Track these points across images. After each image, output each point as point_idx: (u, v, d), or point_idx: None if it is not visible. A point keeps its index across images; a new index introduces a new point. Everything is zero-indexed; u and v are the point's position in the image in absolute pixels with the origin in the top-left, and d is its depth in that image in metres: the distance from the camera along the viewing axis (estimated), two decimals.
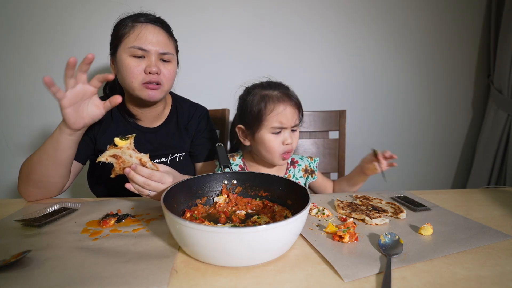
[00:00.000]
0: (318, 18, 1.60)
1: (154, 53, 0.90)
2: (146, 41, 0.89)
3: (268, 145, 0.90)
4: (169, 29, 0.97)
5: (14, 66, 1.42)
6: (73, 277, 0.48)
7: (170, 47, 0.95)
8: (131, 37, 0.89)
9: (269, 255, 0.53)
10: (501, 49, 1.67)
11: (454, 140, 1.93)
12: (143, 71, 0.89)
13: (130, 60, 0.89)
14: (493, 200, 0.89)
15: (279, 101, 0.89)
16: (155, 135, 1.04)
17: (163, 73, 0.92)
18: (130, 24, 0.90)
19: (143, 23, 0.90)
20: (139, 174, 0.69)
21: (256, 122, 0.90)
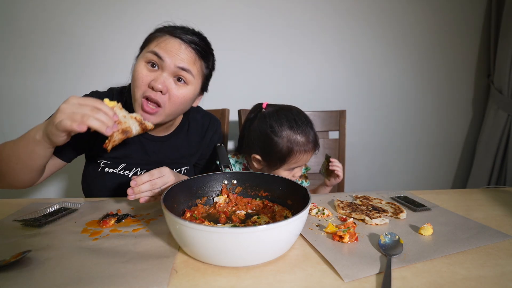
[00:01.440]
0: (318, 18, 1.60)
1: (169, 67, 0.79)
2: (166, 50, 0.78)
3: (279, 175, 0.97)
4: (202, 53, 0.84)
5: (14, 66, 1.42)
6: (73, 277, 0.48)
7: (194, 68, 0.82)
8: (154, 43, 0.81)
9: (269, 255, 0.53)
10: (501, 49, 1.67)
11: (454, 140, 1.93)
12: (148, 83, 0.79)
13: (142, 67, 0.80)
14: (493, 200, 0.89)
15: (305, 151, 0.94)
16: (161, 145, 0.97)
17: (170, 94, 0.80)
18: (163, 33, 0.82)
19: (174, 37, 0.81)
20: (142, 184, 0.70)
21: (278, 163, 0.96)
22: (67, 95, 1.41)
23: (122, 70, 1.49)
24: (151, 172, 0.73)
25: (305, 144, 0.94)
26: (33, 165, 0.74)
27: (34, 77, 1.44)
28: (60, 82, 1.46)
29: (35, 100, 1.46)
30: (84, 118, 0.61)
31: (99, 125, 0.62)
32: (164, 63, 0.78)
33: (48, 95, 1.46)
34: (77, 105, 0.63)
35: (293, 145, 0.92)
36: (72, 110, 0.62)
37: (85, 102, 0.63)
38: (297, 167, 0.98)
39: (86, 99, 0.64)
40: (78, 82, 1.47)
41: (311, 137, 0.96)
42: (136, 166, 0.95)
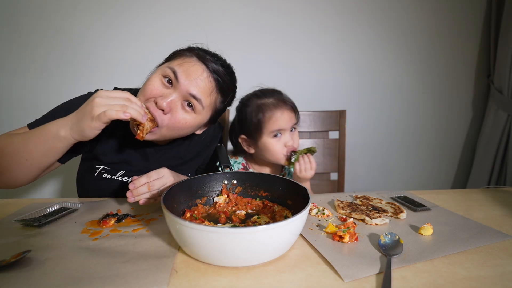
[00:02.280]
0: (318, 19, 1.60)
1: (182, 89, 0.76)
2: (187, 71, 0.76)
3: (271, 149, 0.96)
4: (222, 87, 0.81)
5: (14, 66, 1.42)
6: (73, 277, 0.48)
7: (207, 99, 0.78)
8: (177, 61, 0.78)
9: (269, 255, 0.53)
10: (501, 49, 1.67)
11: (454, 140, 1.93)
12: (154, 98, 0.76)
13: (156, 79, 0.77)
14: (493, 200, 0.89)
15: (275, 107, 0.95)
16: (164, 153, 0.94)
17: (173, 116, 0.76)
18: (187, 53, 0.79)
19: (199, 61, 0.78)
20: (140, 186, 0.71)
21: (257, 131, 0.96)
22: (67, 95, 1.43)
23: (122, 70, 1.49)
24: (148, 174, 0.73)
25: (274, 103, 0.96)
26: (45, 162, 0.74)
27: (34, 77, 1.44)
28: (60, 82, 1.46)
29: (35, 100, 1.46)
30: (124, 108, 0.64)
31: (137, 114, 0.66)
32: (178, 84, 0.76)
33: (48, 95, 1.46)
34: (111, 98, 0.65)
35: (262, 106, 0.96)
36: (109, 103, 0.65)
37: (117, 95, 0.66)
38: (283, 132, 0.97)
39: (116, 92, 0.67)
40: (78, 82, 1.47)
41: (280, 97, 0.98)
42: (136, 174, 0.90)
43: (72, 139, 0.69)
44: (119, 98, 0.66)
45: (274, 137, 0.96)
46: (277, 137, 0.96)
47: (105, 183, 0.91)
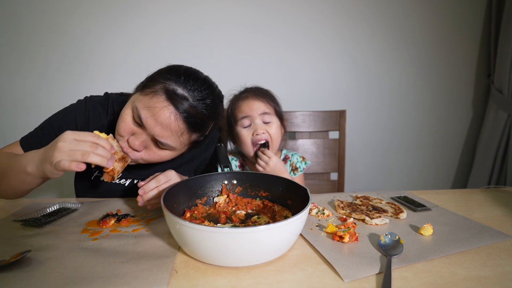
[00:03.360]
0: (318, 19, 1.60)
1: (149, 134, 0.73)
2: (149, 118, 0.71)
3: (241, 139, 0.99)
4: (195, 125, 0.74)
5: (14, 66, 1.42)
6: (73, 277, 0.48)
7: (176, 142, 0.74)
8: (145, 100, 0.73)
9: (269, 255, 0.53)
10: (501, 49, 1.67)
11: (454, 140, 1.93)
12: (129, 134, 0.74)
13: (127, 117, 0.74)
14: (493, 200, 0.89)
15: (243, 98, 1.00)
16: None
17: (148, 153, 0.76)
18: (158, 88, 0.72)
19: (166, 101, 0.71)
20: (150, 191, 0.71)
21: (231, 121, 1.02)
22: (67, 95, 1.43)
23: (122, 70, 1.49)
24: (157, 178, 0.73)
25: (245, 95, 1.00)
26: (24, 190, 0.73)
27: (34, 77, 1.44)
28: (60, 82, 1.46)
29: (35, 100, 1.46)
30: (85, 156, 0.60)
31: (100, 160, 0.61)
32: (145, 127, 0.73)
33: (48, 95, 1.46)
34: (74, 142, 0.61)
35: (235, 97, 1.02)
36: (70, 148, 0.60)
37: (82, 138, 0.62)
38: (253, 123, 0.98)
39: (82, 134, 0.62)
40: (78, 82, 1.47)
41: (254, 91, 1.01)
42: (132, 176, 0.93)
43: (39, 176, 0.65)
44: (85, 143, 0.61)
45: (244, 127, 0.98)
46: (247, 128, 0.98)
47: (103, 186, 0.92)
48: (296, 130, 1.39)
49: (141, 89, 0.76)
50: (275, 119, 1.00)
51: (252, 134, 0.97)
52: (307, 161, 1.12)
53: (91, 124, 0.86)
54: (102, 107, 0.89)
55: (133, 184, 0.93)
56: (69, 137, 0.61)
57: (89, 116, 0.86)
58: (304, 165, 1.11)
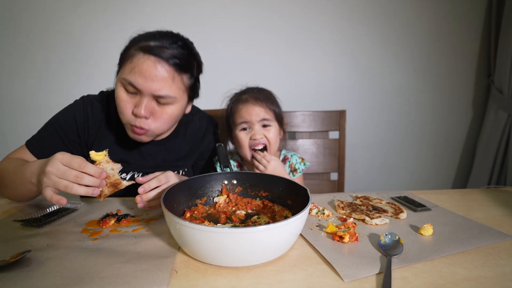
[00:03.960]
0: (319, 19, 1.60)
1: (147, 94, 0.76)
2: (140, 76, 0.74)
3: (239, 142, 0.99)
4: (182, 65, 0.78)
5: (14, 66, 1.42)
6: (73, 277, 0.48)
7: (173, 89, 0.77)
8: (128, 66, 0.76)
9: (269, 255, 0.53)
10: (501, 49, 1.67)
11: (455, 140, 1.93)
12: (131, 109, 0.78)
13: (121, 93, 0.78)
14: (493, 200, 0.89)
15: (243, 102, 0.99)
16: (158, 149, 0.95)
17: (155, 117, 0.79)
18: (134, 49, 0.76)
19: (146, 53, 0.74)
20: (150, 190, 0.70)
21: (230, 122, 1.01)
22: (67, 95, 1.43)
23: None
24: (158, 178, 0.72)
25: (244, 98, 0.99)
26: (32, 196, 0.77)
27: (34, 77, 1.44)
28: (60, 82, 1.46)
29: (35, 100, 1.46)
30: (67, 188, 0.60)
31: (85, 191, 0.62)
32: (140, 90, 0.76)
33: (48, 95, 1.46)
34: (61, 172, 0.61)
35: (235, 99, 1.01)
36: (56, 178, 0.61)
37: (68, 164, 0.61)
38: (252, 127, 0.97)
39: (71, 160, 0.62)
40: (78, 82, 1.47)
41: (254, 93, 1.00)
42: (133, 170, 0.94)
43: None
44: (70, 171, 0.61)
45: (243, 130, 0.98)
46: (245, 130, 0.98)
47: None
48: (296, 130, 1.39)
49: (119, 65, 0.80)
50: (274, 123, 1.00)
51: (250, 138, 0.97)
52: (306, 162, 1.12)
53: (90, 119, 0.89)
54: (98, 102, 0.92)
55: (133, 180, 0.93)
56: (58, 165, 0.61)
57: (87, 112, 0.89)
58: (303, 166, 1.11)
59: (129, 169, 0.94)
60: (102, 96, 0.95)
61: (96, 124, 0.90)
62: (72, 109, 0.89)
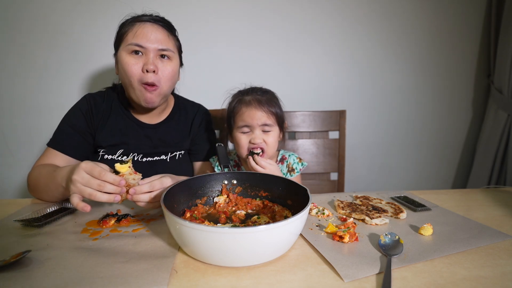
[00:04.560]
0: (319, 19, 1.60)
1: (152, 50, 0.89)
2: (144, 37, 0.89)
3: (238, 143, 0.99)
4: (170, 28, 0.97)
5: (14, 66, 1.42)
6: (73, 277, 0.48)
7: (170, 44, 0.94)
8: (130, 35, 0.90)
9: (269, 255, 0.53)
10: (501, 49, 1.67)
11: (454, 140, 1.93)
12: (141, 69, 0.89)
13: (128, 58, 0.89)
14: (493, 200, 0.89)
15: (246, 104, 0.97)
16: (155, 131, 1.04)
17: (161, 72, 0.91)
18: (130, 23, 0.92)
19: (142, 21, 0.91)
20: (141, 194, 0.69)
21: (231, 122, 1.01)
22: (67, 95, 1.43)
23: None
24: (152, 183, 0.71)
25: (248, 100, 0.98)
26: (64, 198, 0.81)
27: (34, 77, 1.44)
28: (60, 82, 1.46)
29: (35, 100, 1.46)
30: (92, 196, 0.65)
31: (107, 198, 0.65)
32: (146, 49, 0.89)
33: (48, 95, 1.46)
34: (86, 180, 0.65)
35: (238, 100, 1.01)
36: (81, 187, 0.65)
37: (93, 174, 0.65)
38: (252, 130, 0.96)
39: (94, 169, 0.66)
40: (78, 82, 1.47)
41: (258, 95, 0.99)
42: (132, 152, 1.00)
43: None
44: (94, 181, 0.65)
45: (242, 132, 0.98)
46: (245, 133, 0.98)
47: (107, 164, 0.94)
48: (296, 130, 1.39)
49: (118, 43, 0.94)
50: (275, 127, 1.00)
51: (249, 141, 0.97)
52: (304, 162, 1.11)
53: (93, 109, 1.00)
54: (99, 96, 1.04)
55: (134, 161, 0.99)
56: (82, 174, 0.66)
57: (91, 104, 1.00)
58: (300, 166, 1.10)
59: (128, 151, 1.00)
60: (103, 92, 1.07)
61: (99, 114, 1.00)
62: (78, 105, 1.01)
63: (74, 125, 0.97)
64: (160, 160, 1.03)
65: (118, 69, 0.94)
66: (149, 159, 1.02)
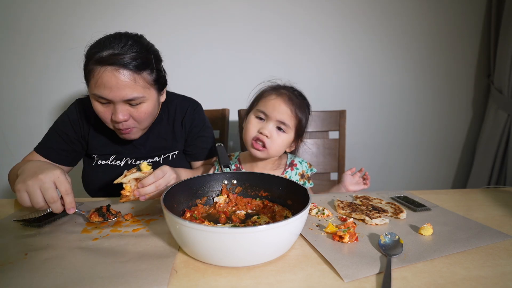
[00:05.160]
0: (319, 19, 1.60)
1: (118, 101, 0.80)
2: (106, 89, 0.78)
3: (248, 125, 0.93)
4: (138, 66, 0.80)
5: (14, 66, 1.42)
6: (73, 277, 0.48)
7: (138, 89, 0.81)
8: (92, 82, 0.80)
9: (269, 255, 0.53)
10: (501, 49, 1.67)
11: (454, 140, 1.93)
12: (110, 118, 0.84)
13: (97, 105, 0.83)
14: (493, 200, 0.89)
15: (278, 94, 0.93)
16: (147, 136, 1.00)
17: (133, 117, 0.84)
18: (92, 63, 0.79)
19: (102, 66, 0.77)
20: (148, 185, 0.71)
21: (253, 103, 0.97)
22: (67, 95, 1.43)
23: None
24: (155, 173, 0.73)
25: (280, 93, 0.93)
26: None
27: (34, 77, 1.44)
28: (60, 82, 1.46)
29: (35, 100, 1.46)
30: (34, 201, 0.64)
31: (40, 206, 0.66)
32: (111, 100, 0.81)
33: (48, 95, 1.46)
34: (46, 187, 0.64)
35: (271, 88, 0.97)
36: (36, 189, 0.64)
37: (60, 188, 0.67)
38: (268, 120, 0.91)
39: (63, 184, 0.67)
40: (78, 82, 1.46)
41: (290, 94, 0.94)
42: (126, 156, 1.00)
43: None
44: (51, 192, 0.64)
45: (257, 118, 0.93)
46: (259, 119, 0.93)
47: (101, 170, 0.98)
48: None
49: (86, 81, 0.84)
50: (291, 132, 0.93)
51: (258, 129, 0.91)
52: (313, 168, 1.07)
53: (82, 116, 0.98)
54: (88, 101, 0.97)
55: (127, 166, 0.99)
56: (50, 176, 0.65)
57: (79, 111, 0.98)
58: (310, 172, 1.07)
59: (122, 156, 1.00)
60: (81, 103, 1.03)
61: (90, 120, 0.97)
62: (67, 112, 0.99)
63: (62, 132, 0.95)
64: (153, 162, 1.01)
65: None
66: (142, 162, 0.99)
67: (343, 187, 1.02)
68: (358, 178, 1.03)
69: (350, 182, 1.02)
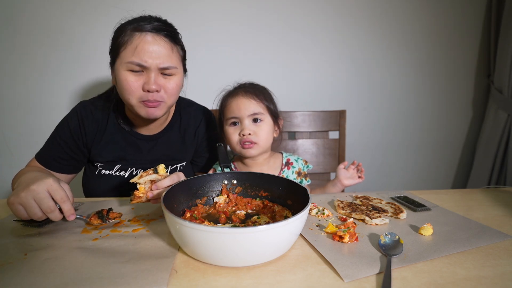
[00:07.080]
0: (318, 19, 1.60)
1: (154, 69, 0.81)
2: (144, 55, 0.79)
3: (228, 137, 0.94)
4: (174, 37, 0.86)
5: (14, 66, 1.42)
6: (73, 277, 0.48)
7: (174, 59, 0.84)
8: (128, 50, 0.80)
9: (269, 255, 0.53)
10: (501, 49, 1.67)
11: (454, 140, 1.93)
12: (141, 87, 0.81)
13: (127, 75, 0.81)
14: (493, 200, 0.89)
15: (232, 96, 0.94)
16: (155, 143, 0.97)
17: (164, 89, 0.84)
18: (129, 32, 0.81)
19: (143, 32, 0.80)
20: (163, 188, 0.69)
21: (221, 118, 0.97)
22: (67, 95, 1.43)
23: None
24: (171, 176, 0.71)
25: (234, 92, 0.94)
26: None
27: (34, 77, 1.44)
28: (60, 82, 1.46)
29: (35, 100, 1.46)
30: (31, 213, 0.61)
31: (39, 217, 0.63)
32: (146, 67, 0.80)
33: (48, 95, 1.46)
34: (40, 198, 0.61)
35: (226, 94, 0.97)
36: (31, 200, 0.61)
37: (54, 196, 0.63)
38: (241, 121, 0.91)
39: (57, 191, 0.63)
40: (78, 83, 1.47)
41: (245, 88, 0.95)
42: (131, 167, 0.96)
43: None
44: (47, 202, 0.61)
45: (232, 125, 0.93)
46: (235, 126, 0.93)
47: (104, 180, 0.94)
48: (296, 130, 1.39)
49: (115, 55, 0.83)
50: (267, 117, 0.93)
51: (239, 134, 0.92)
52: (309, 165, 1.07)
53: (85, 123, 0.93)
54: (92, 104, 0.96)
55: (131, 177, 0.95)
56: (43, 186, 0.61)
57: (82, 118, 0.94)
58: (306, 169, 1.07)
59: (127, 166, 0.96)
60: (96, 97, 1.00)
61: (93, 125, 0.94)
62: (67, 119, 0.95)
63: (62, 141, 0.92)
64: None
65: (116, 82, 0.86)
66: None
67: (338, 182, 1.00)
68: (353, 172, 1.00)
69: (344, 176, 1.00)
